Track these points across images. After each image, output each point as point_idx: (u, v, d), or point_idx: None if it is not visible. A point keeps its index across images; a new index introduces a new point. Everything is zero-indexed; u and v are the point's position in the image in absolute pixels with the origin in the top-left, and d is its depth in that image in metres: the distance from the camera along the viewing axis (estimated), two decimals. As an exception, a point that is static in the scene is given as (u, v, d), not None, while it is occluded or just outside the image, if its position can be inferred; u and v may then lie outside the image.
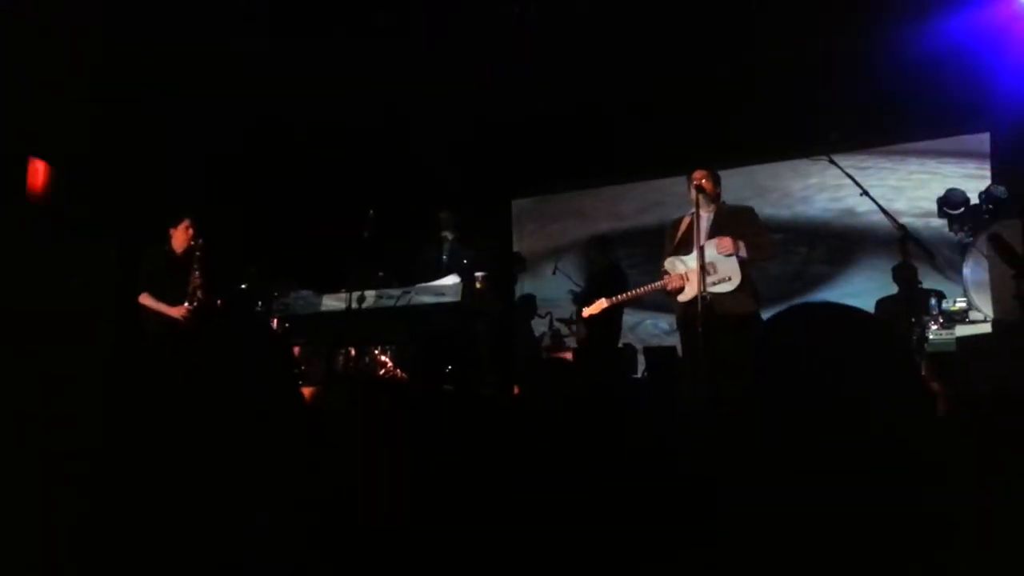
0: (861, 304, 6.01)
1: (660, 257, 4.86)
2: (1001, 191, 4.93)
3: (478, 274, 5.47)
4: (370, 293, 5.23)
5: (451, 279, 5.31)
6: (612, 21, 6.30)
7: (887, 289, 6.10)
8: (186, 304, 5.39)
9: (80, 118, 5.78)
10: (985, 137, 6.61)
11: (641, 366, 6.68)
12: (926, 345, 4.92)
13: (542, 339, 7.61)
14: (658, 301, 5.86)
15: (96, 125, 5.93)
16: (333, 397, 1.47)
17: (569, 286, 7.65)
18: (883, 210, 4.43)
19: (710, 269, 4.48)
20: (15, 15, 5.32)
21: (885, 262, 6.32)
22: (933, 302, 5.27)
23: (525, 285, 8.15)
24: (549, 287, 7.95)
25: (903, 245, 4.45)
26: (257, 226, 6.97)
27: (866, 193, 4.42)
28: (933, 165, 6.89)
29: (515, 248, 8.52)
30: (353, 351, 5.78)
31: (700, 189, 4.61)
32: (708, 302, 4.35)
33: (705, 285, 4.37)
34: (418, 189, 7.44)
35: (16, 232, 5.71)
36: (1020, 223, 4.50)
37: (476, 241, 6.25)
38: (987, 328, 4.70)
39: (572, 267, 7.95)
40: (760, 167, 7.46)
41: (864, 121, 6.59)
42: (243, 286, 5.91)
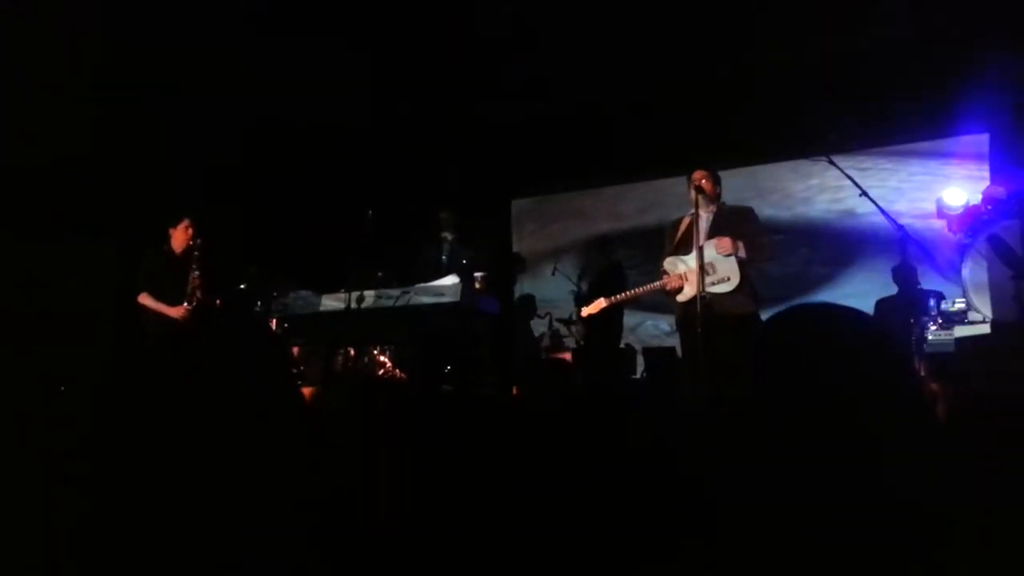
0: (861, 305, 6.02)
1: (659, 257, 4.87)
2: (1000, 192, 4.93)
3: (477, 274, 5.48)
4: (369, 293, 5.23)
5: (450, 279, 5.31)
6: (612, 21, 6.31)
7: (888, 290, 6.10)
8: (185, 304, 5.39)
9: (80, 118, 5.78)
10: (984, 139, 6.61)
11: (640, 367, 6.68)
12: (925, 346, 4.92)
13: (541, 339, 7.61)
14: (658, 302, 5.85)
15: (96, 125, 5.93)
16: (332, 397, 1.47)
17: (568, 286, 7.65)
18: (882, 211, 4.42)
19: (709, 269, 4.48)
20: (15, 15, 5.32)
21: (886, 263, 6.32)
22: (932, 303, 5.27)
23: (524, 285, 8.15)
24: (548, 287, 7.95)
25: (902, 246, 4.45)
26: (257, 226, 6.98)
27: (865, 194, 4.42)
28: (934, 166, 6.88)
29: (515, 248, 8.52)
30: (352, 351, 5.78)
31: (700, 190, 4.61)
32: (707, 302, 4.35)
33: (704, 285, 4.37)
34: (418, 189, 7.44)
35: (16, 233, 5.71)
36: (1019, 224, 4.50)
37: (476, 241, 6.25)
38: (986, 329, 4.69)
39: (572, 267, 7.95)
40: (761, 168, 7.45)
41: (863, 122, 6.60)
42: (242, 286, 5.91)
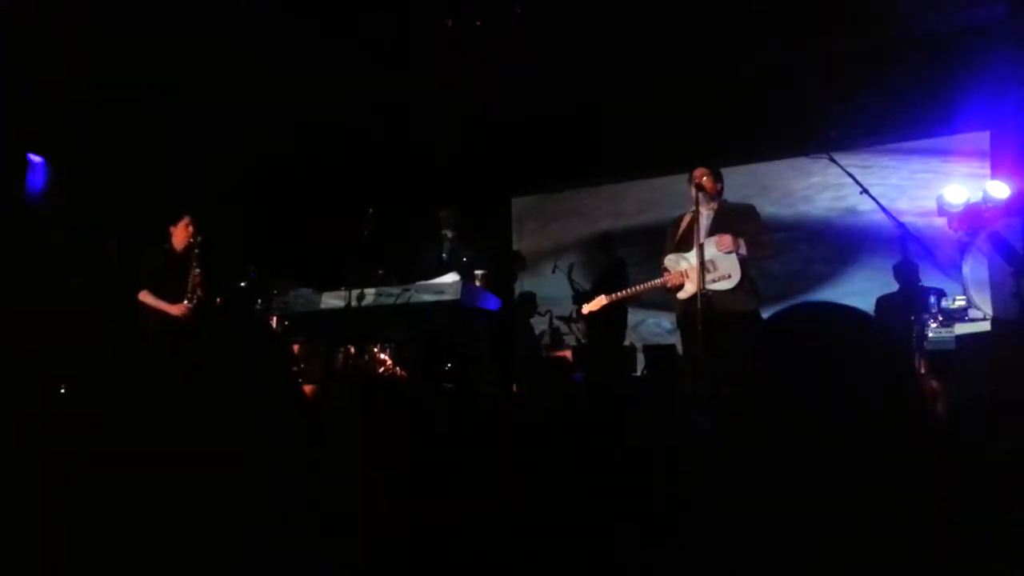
0: (862, 303, 6.02)
1: (660, 255, 4.87)
2: (1001, 189, 4.92)
3: (478, 272, 5.48)
4: (370, 291, 5.23)
5: (451, 277, 5.31)
6: (612, 21, 6.30)
7: (889, 287, 6.10)
8: (186, 302, 5.39)
9: (80, 118, 5.79)
10: (985, 136, 6.61)
11: (641, 364, 6.68)
12: (925, 343, 4.91)
13: (542, 337, 7.61)
14: (660, 300, 5.86)
15: (96, 125, 5.93)
16: (332, 395, 1.47)
17: (575, 283, 7.63)
18: (882, 208, 4.42)
19: (710, 267, 4.48)
20: (15, 15, 5.32)
21: (887, 261, 6.31)
22: (932, 300, 5.26)
23: (525, 283, 8.15)
24: (549, 285, 7.94)
25: (903, 243, 4.45)
26: (257, 224, 6.98)
27: (865, 191, 4.42)
28: (936, 164, 6.87)
29: (515, 247, 8.52)
30: (353, 349, 5.78)
31: (700, 187, 4.61)
32: (708, 300, 4.35)
33: (705, 283, 4.37)
34: (418, 188, 7.44)
35: (16, 232, 5.72)
36: (1020, 221, 4.50)
37: (476, 240, 6.26)
38: (986, 326, 4.69)
39: (572, 265, 7.93)
40: (763, 166, 7.45)
41: (863, 119, 6.59)
42: (243, 284, 5.91)
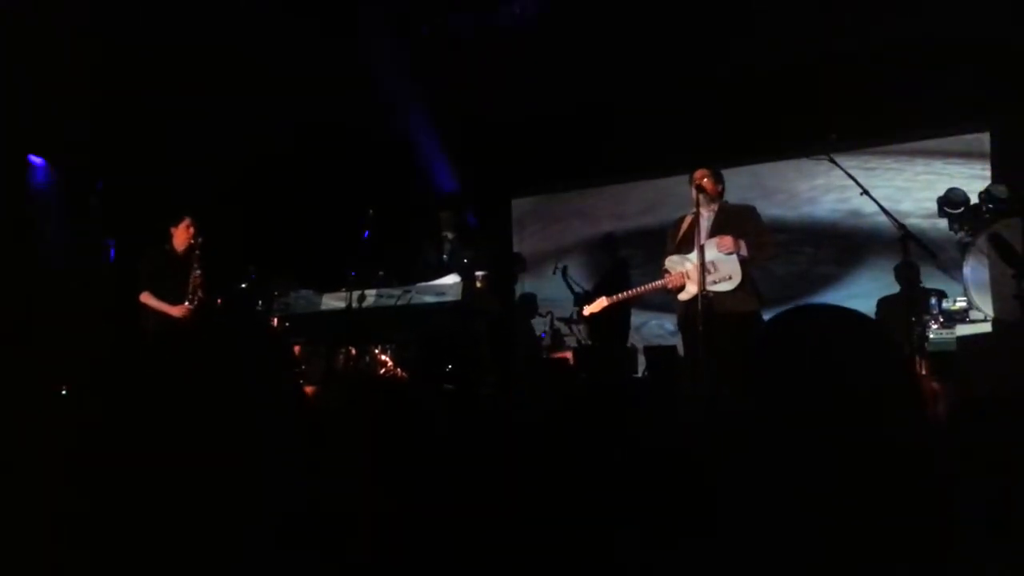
0: (867, 304, 6.02)
1: (661, 256, 4.87)
2: (1001, 190, 4.92)
3: (478, 273, 5.48)
4: (370, 292, 5.24)
5: (451, 279, 5.32)
6: (613, 21, 6.31)
7: (893, 289, 6.09)
8: (187, 303, 5.39)
9: (80, 118, 5.79)
10: (986, 137, 6.61)
11: (642, 365, 6.68)
12: (926, 344, 4.91)
13: (542, 339, 7.60)
14: (662, 301, 5.86)
15: (96, 125, 5.94)
16: (332, 396, 1.47)
17: (572, 284, 7.62)
18: (884, 210, 4.42)
19: (711, 268, 4.48)
20: (15, 15, 5.33)
21: (891, 263, 6.28)
22: (933, 301, 5.27)
23: (525, 284, 8.14)
24: (550, 287, 7.93)
25: (904, 244, 4.44)
26: (258, 225, 6.98)
27: (866, 193, 4.41)
28: (939, 166, 6.86)
29: (516, 248, 8.51)
30: (353, 350, 5.78)
31: (701, 188, 4.61)
32: (709, 301, 4.35)
33: (705, 284, 4.37)
34: (418, 189, 7.44)
35: (16, 232, 5.72)
36: (1020, 222, 4.50)
37: (476, 241, 6.25)
38: (987, 327, 4.69)
39: (573, 267, 7.93)
40: (766, 168, 7.44)
41: (864, 120, 6.59)
42: (243, 285, 5.91)
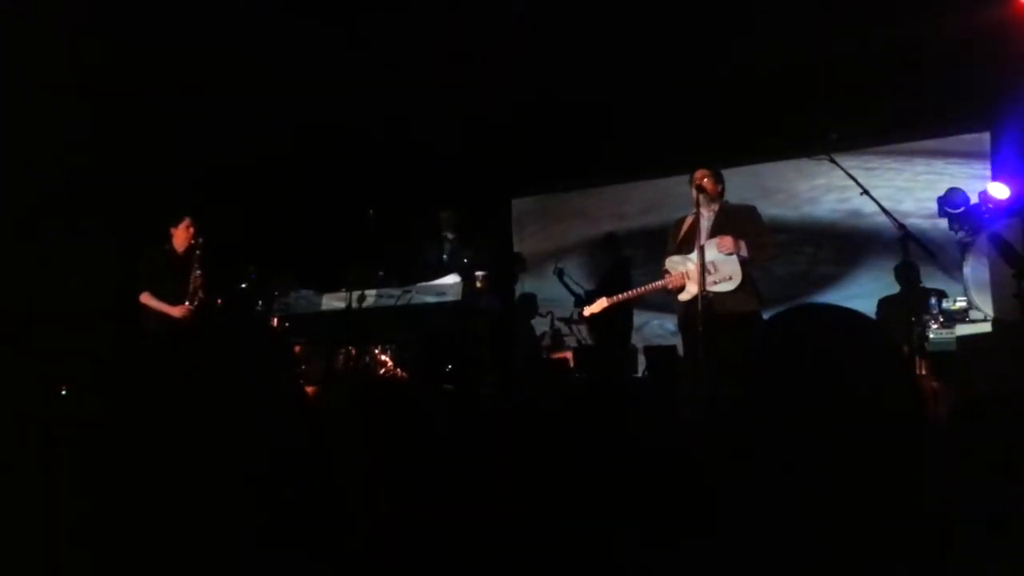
0: (867, 304, 6.02)
1: (662, 256, 4.87)
2: (1002, 190, 4.92)
3: (478, 274, 5.48)
4: (370, 293, 5.24)
5: (451, 279, 5.32)
6: (613, 21, 6.30)
7: (893, 289, 6.08)
8: (187, 303, 5.39)
9: (80, 118, 5.79)
10: (986, 137, 6.61)
11: (642, 365, 6.68)
12: (926, 344, 4.91)
13: (542, 338, 7.60)
14: (663, 302, 5.85)
15: (96, 125, 5.93)
16: (332, 396, 1.47)
17: (570, 285, 7.63)
18: (884, 210, 4.41)
19: (711, 268, 4.47)
20: (15, 15, 5.33)
21: (891, 263, 6.27)
22: (933, 301, 5.26)
23: (526, 285, 8.14)
24: (550, 287, 7.93)
25: (904, 244, 4.44)
26: (258, 225, 6.98)
27: (866, 192, 4.41)
28: (940, 166, 6.87)
29: (517, 248, 8.51)
30: (353, 350, 5.79)
31: (701, 188, 4.61)
32: (709, 301, 4.35)
33: (706, 284, 4.37)
34: (418, 189, 7.43)
35: (16, 232, 5.72)
36: (1020, 222, 4.50)
37: (476, 241, 6.25)
38: (987, 327, 4.70)
39: (573, 267, 7.93)
40: (767, 168, 7.44)
41: (864, 120, 6.59)
42: (243, 285, 5.92)
